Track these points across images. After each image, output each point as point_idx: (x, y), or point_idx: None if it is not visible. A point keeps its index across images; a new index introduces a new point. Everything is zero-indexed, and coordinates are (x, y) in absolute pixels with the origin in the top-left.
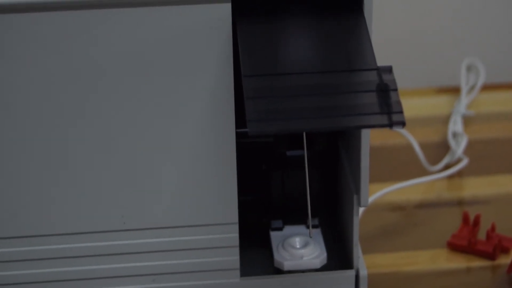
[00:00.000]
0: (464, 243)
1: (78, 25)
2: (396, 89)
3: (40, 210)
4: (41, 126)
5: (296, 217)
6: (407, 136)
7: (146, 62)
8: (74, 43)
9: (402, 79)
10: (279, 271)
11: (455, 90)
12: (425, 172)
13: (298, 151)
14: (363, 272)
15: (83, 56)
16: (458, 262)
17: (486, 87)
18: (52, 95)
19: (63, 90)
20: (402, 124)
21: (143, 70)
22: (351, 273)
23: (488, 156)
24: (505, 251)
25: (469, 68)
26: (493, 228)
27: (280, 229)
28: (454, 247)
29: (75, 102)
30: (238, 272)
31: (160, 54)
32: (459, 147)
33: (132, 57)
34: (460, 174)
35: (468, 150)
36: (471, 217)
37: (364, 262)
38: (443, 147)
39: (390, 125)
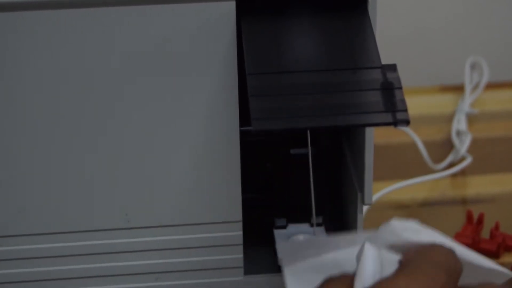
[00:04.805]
0: (468, 242)
1: (80, 24)
2: (400, 87)
3: (44, 208)
4: (45, 124)
5: (300, 215)
6: (411, 134)
7: (149, 60)
8: (77, 42)
9: (406, 77)
10: None
11: (459, 89)
12: (429, 171)
13: (302, 149)
14: None
15: (86, 55)
16: None
17: (490, 86)
18: (54, 94)
19: (66, 89)
20: (407, 122)
21: (147, 69)
22: None
23: (492, 154)
24: (509, 249)
25: (473, 67)
26: (497, 227)
27: (284, 227)
28: None
29: (79, 100)
30: (241, 270)
31: (164, 52)
32: (463, 145)
33: (135, 56)
34: (464, 172)
35: (472, 148)
36: (475, 216)
37: None
38: (447, 146)
39: (395, 123)
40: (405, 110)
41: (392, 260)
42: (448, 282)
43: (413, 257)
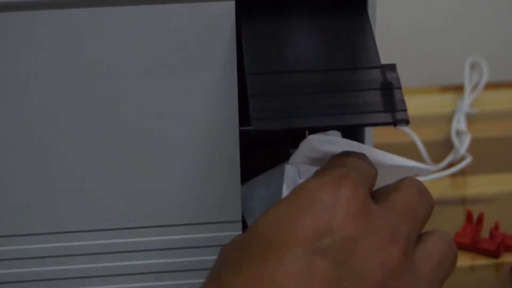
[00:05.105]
0: (468, 242)
1: (79, 24)
2: (400, 87)
3: (44, 208)
4: (45, 124)
5: None
6: (411, 134)
7: (148, 61)
8: (77, 42)
9: (405, 77)
10: None
11: (458, 89)
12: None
13: None
14: None
15: (86, 55)
16: (462, 260)
17: (490, 85)
18: (54, 93)
19: (65, 89)
20: (406, 122)
21: (146, 69)
22: None
23: (492, 154)
24: (508, 249)
25: (472, 66)
26: (496, 227)
27: None
28: (458, 245)
29: (79, 100)
30: None
31: (163, 52)
32: (462, 145)
33: (135, 56)
34: (463, 172)
35: (472, 148)
36: (475, 216)
37: None
38: (447, 145)
39: (394, 123)
40: (405, 110)
41: (311, 172)
42: (360, 181)
43: (325, 164)
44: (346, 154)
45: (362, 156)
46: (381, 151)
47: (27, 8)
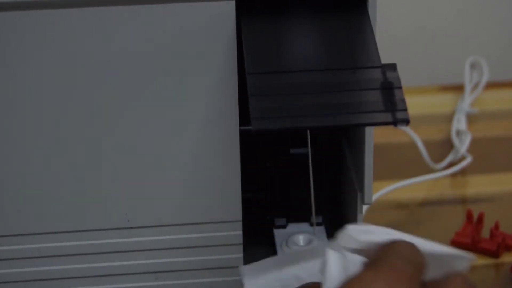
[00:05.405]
0: (468, 241)
1: (80, 23)
2: (400, 87)
3: (44, 207)
4: (45, 124)
5: (300, 215)
6: (411, 134)
7: (149, 60)
8: (77, 42)
9: (406, 77)
10: None
11: (459, 88)
12: (429, 170)
13: (302, 149)
14: None
15: (86, 55)
16: None
17: (490, 85)
18: (54, 93)
19: (66, 89)
20: (406, 122)
21: (147, 68)
22: None
23: (492, 154)
24: (508, 249)
25: (473, 66)
26: (496, 226)
27: (284, 227)
28: (458, 245)
29: (79, 100)
30: None
31: (164, 52)
32: (462, 145)
33: (136, 55)
34: (463, 172)
35: (472, 148)
36: (475, 215)
37: None
38: (447, 145)
39: (394, 122)
40: (405, 110)
41: (356, 261)
42: (414, 275)
43: (376, 254)
44: (397, 243)
45: (413, 246)
46: (421, 239)
47: (27, 8)
